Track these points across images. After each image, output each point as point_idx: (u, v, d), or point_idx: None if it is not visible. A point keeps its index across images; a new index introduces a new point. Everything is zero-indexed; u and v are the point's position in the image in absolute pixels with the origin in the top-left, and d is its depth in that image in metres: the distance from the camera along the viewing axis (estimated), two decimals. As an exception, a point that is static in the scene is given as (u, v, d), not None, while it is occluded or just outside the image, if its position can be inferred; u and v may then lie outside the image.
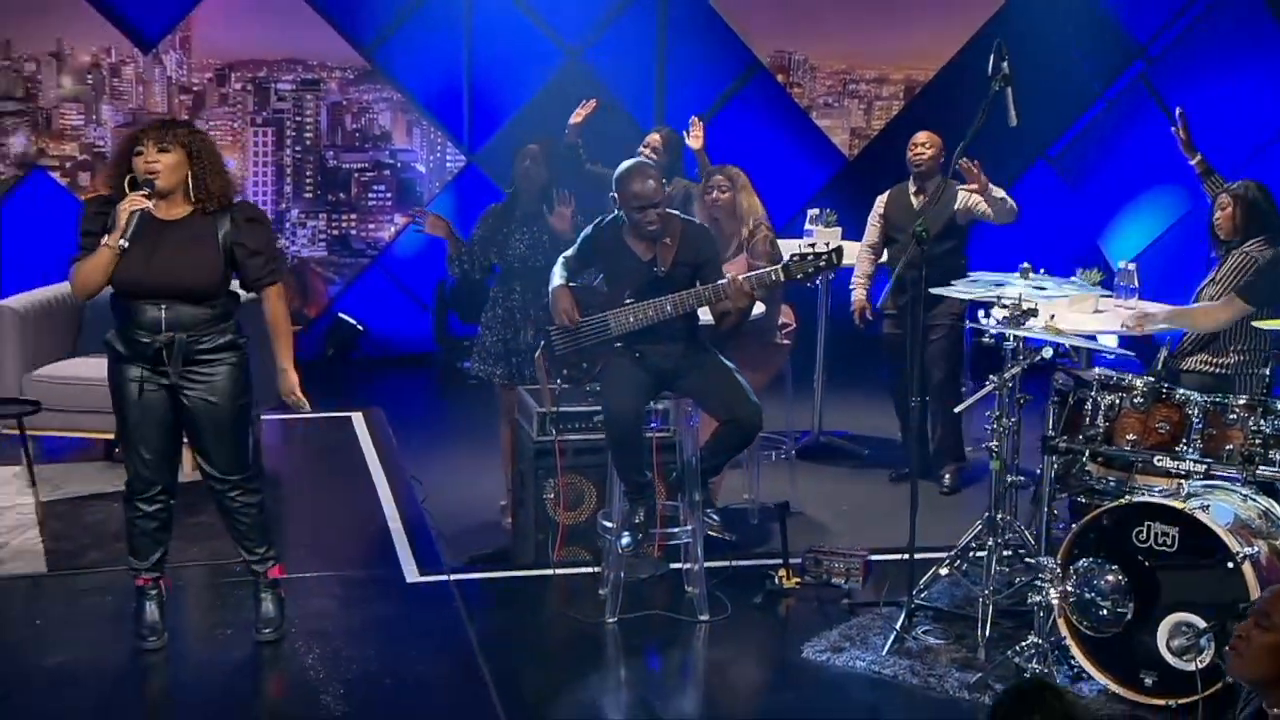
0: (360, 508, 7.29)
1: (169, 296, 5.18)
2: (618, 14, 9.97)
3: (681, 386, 5.82)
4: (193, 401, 5.29)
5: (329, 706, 5.15)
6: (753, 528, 6.91)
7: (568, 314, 5.78)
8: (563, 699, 5.32)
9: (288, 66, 9.91)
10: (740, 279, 5.71)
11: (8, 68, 9.57)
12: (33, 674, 5.39)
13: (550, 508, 6.43)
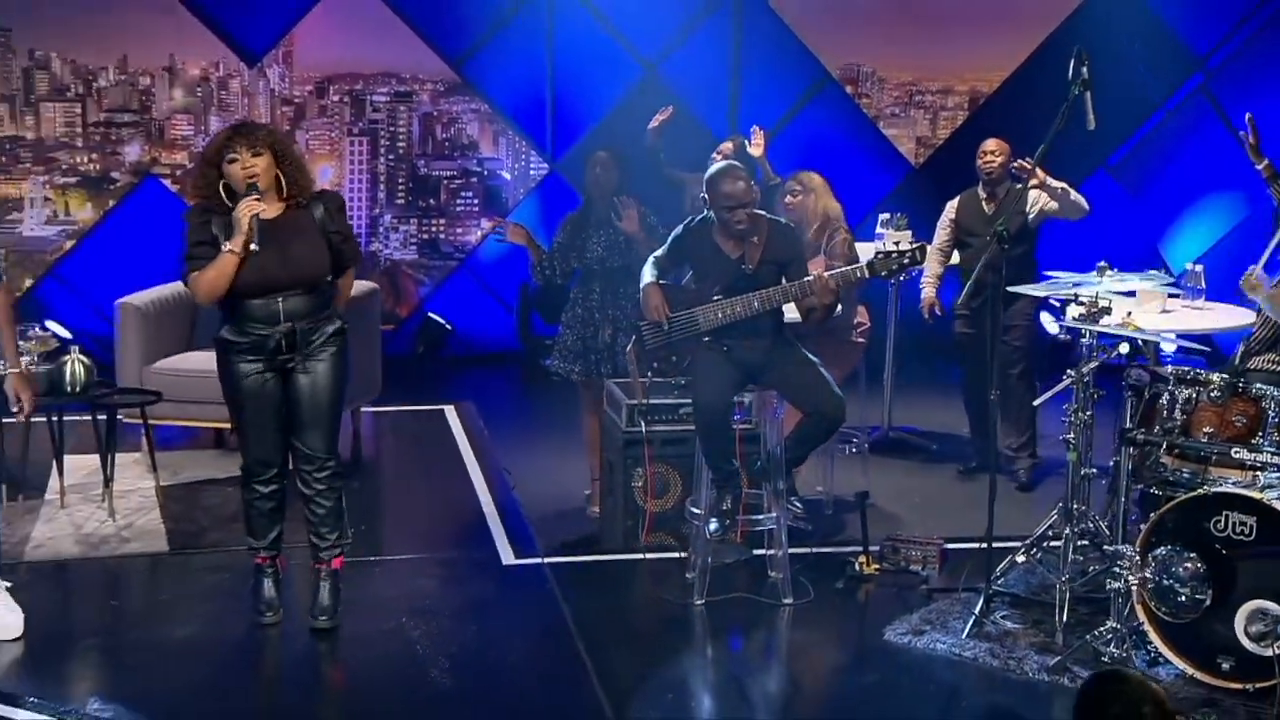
0: (456, 494, 7.27)
1: (285, 289, 5.19)
2: (693, 29, 9.92)
3: (768, 379, 5.76)
4: (301, 385, 5.33)
5: (436, 680, 5.15)
6: (828, 518, 6.83)
7: (659, 310, 5.75)
8: (655, 676, 5.24)
9: (382, 79, 9.94)
10: (826, 276, 5.65)
11: (124, 82, 9.66)
12: (162, 644, 5.44)
13: (638, 495, 6.38)
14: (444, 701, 5.07)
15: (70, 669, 5.22)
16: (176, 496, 6.99)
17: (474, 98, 10.04)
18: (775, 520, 5.84)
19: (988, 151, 7.23)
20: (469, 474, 7.57)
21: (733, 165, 5.76)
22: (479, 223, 10.20)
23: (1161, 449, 5.25)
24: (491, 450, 7.94)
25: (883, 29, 10.06)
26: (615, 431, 6.43)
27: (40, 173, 9.56)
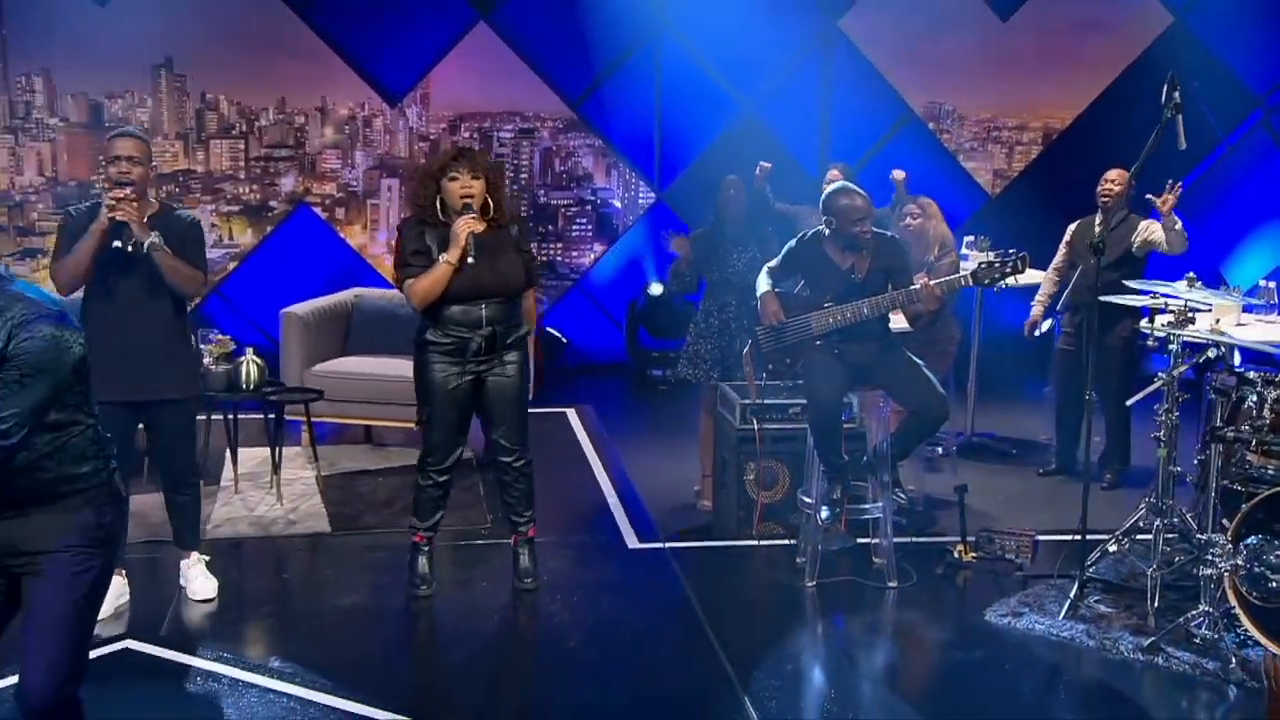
0: (582, 486, 7.23)
1: (489, 297, 5.21)
2: (788, 72, 9.83)
3: (876, 380, 5.66)
4: (494, 383, 5.36)
5: (577, 650, 5.13)
6: (920, 514, 6.69)
7: (775, 316, 5.68)
8: (774, 648, 5.16)
9: (508, 118, 9.94)
10: (931, 283, 5.54)
11: (282, 121, 9.72)
12: (328, 612, 5.47)
13: (750, 488, 6.28)
14: (582, 666, 5.05)
15: (251, 632, 5.28)
16: (335, 485, 7.00)
17: (589, 134, 10.00)
18: (881, 509, 5.73)
19: (1109, 180, 6.86)
20: (592, 468, 7.53)
21: (848, 185, 5.68)
22: (592, 246, 10.16)
23: (1249, 446, 5.08)
24: (610, 448, 7.88)
25: (963, 71, 9.92)
26: (729, 429, 6.34)
27: (209, 201, 9.65)
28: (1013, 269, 5.42)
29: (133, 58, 9.32)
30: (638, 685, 4.92)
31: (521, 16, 9.63)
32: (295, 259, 9.56)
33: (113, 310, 5.08)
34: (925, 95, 10.04)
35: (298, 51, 9.54)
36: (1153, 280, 6.05)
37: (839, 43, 9.82)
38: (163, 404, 5.21)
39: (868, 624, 5.49)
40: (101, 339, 4.78)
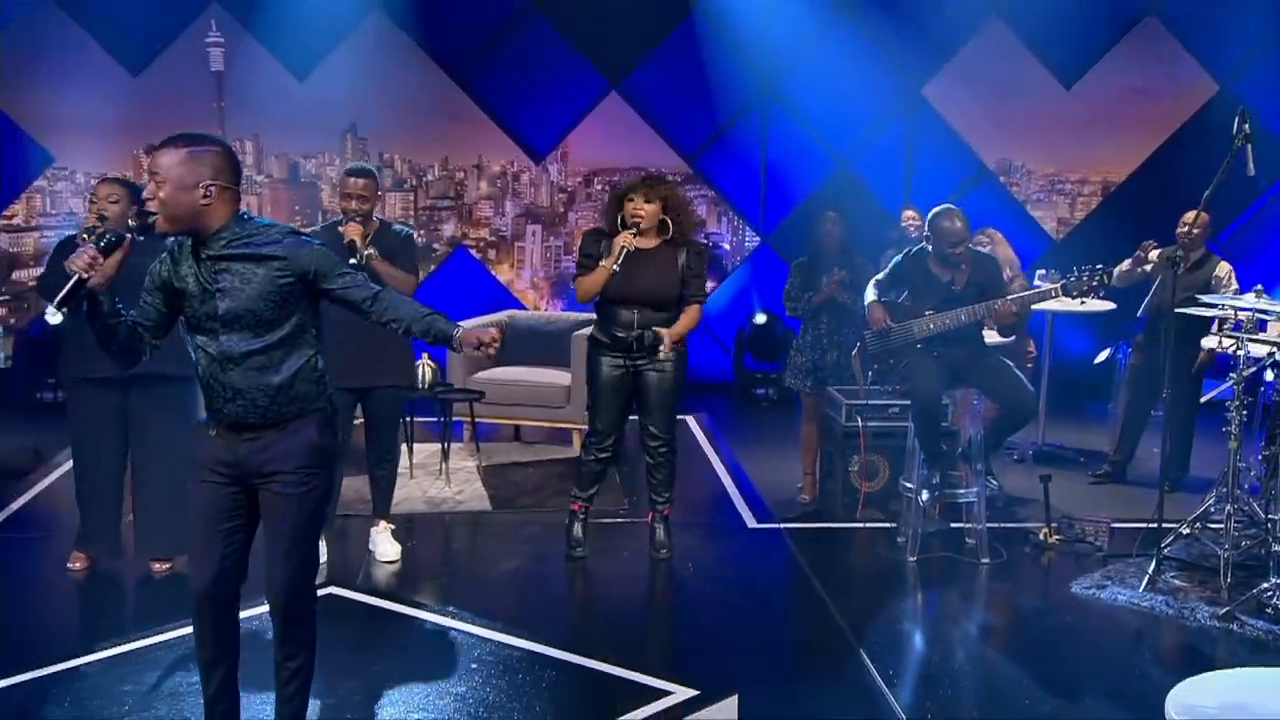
0: (704, 476, 7.16)
1: (639, 304, 5.19)
2: (876, 131, 9.73)
3: (970, 379, 5.54)
4: (650, 378, 5.33)
5: (708, 606, 5.07)
6: (1001, 508, 6.47)
7: (882, 322, 5.58)
8: (883, 611, 5.04)
9: (634, 172, 9.86)
10: (1012, 298, 5.42)
11: (445, 176, 9.83)
12: (494, 572, 5.48)
13: (854, 478, 6.18)
14: (712, 619, 5.00)
15: (429, 585, 5.28)
16: (493, 473, 7.00)
17: (704, 186, 9.96)
18: (975, 494, 5.58)
19: (1187, 222, 6.57)
20: (710, 463, 7.45)
21: (950, 207, 5.57)
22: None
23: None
24: (724, 447, 7.81)
25: (1030, 131, 9.75)
26: (836, 427, 6.23)
27: (380, 245, 9.75)
28: (1100, 281, 5.27)
29: (325, 124, 9.49)
30: (762, 635, 4.82)
31: (646, 86, 9.67)
32: (454, 293, 9.60)
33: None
34: (997, 152, 9.87)
35: (459, 117, 9.64)
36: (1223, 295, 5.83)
37: (922, 106, 9.71)
38: (379, 389, 5.29)
39: (964, 592, 5.34)
40: (334, 335, 4.83)
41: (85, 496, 5.21)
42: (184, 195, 3.16)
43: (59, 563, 5.23)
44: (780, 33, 9.47)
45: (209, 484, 3.32)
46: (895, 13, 9.23)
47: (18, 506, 6.26)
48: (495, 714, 3.76)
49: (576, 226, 9.74)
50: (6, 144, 9.25)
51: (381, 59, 9.33)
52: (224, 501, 3.31)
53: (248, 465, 3.29)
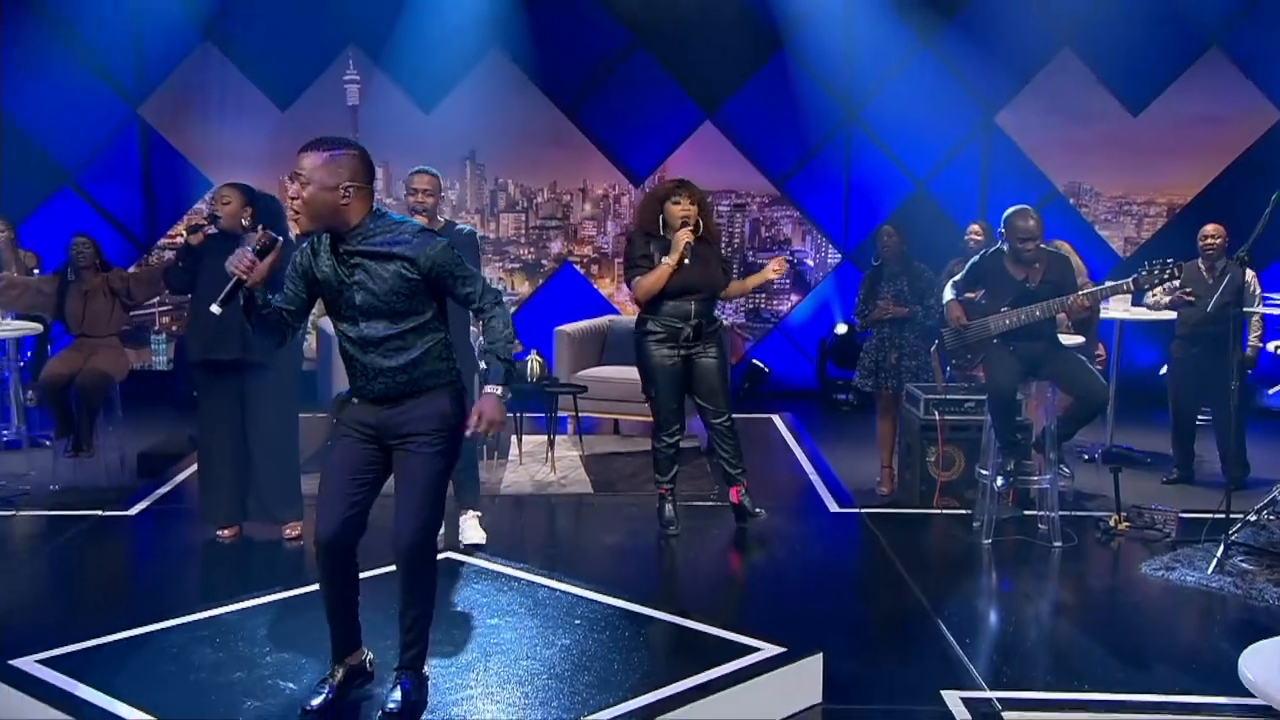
0: (789, 466, 7.11)
1: (696, 294, 5.16)
2: (953, 155, 9.58)
3: (1045, 372, 5.38)
4: (701, 364, 5.28)
5: (795, 580, 4.99)
6: (1070, 502, 6.28)
7: (959, 319, 5.45)
8: (961, 588, 4.91)
9: (725, 194, 9.90)
10: (1084, 292, 5.27)
11: (553, 198, 9.90)
12: (594, 548, 5.50)
13: (931, 469, 6.03)
14: (800, 590, 4.93)
15: (538, 557, 5.24)
16: (594, 461, 7.00)
17: (790, 207, 9.91)
18: (1049, 481, 5.41)
19: (1208, 235, 6.57)
20: (795, 455, 7.39)
21: (1025, 207, 5.43)
22: (789, 296, 10.01)
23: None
24: (807, 442, 7.72)
25: (1099, 156, 9.51)
26: (914, 420, 6.10)
27: (497, 260, 9.86)
28: (1170, 274, 5.09)
29: (447, 151, 9.61)
30: (844, 604, 4.76)
31: (738, 116, 9.66)
32: (559, 305, 9.66)
33: None
34: (1067, 175, 9.64)
35: (567, 145, 9.73)
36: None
37: (995, 132, 9.54)
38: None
39: (1037, 572, 5.16)
40: None
41: (205, 470, 5.31)
42: (325, 195, 3.19)
43: (209, 530, 5.35)
44: (863, 65, 9.42)
45: (349, 439, 3.36)
46: (971, 45, 9.11)
47: (178, 482, 6.45)
48: (596, 663, 3.73)
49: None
50: (171, 171, 9.56)
51: (499, 93, 9.46)
52: (361, 457, 3.35)
53: (386, 427, 3.33)
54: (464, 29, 9.19)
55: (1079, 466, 6.69)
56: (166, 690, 3.48)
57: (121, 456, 6.68)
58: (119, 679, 3.53)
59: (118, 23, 9.24)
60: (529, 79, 9.54)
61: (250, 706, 3.42)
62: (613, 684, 3.58)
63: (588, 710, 3.40)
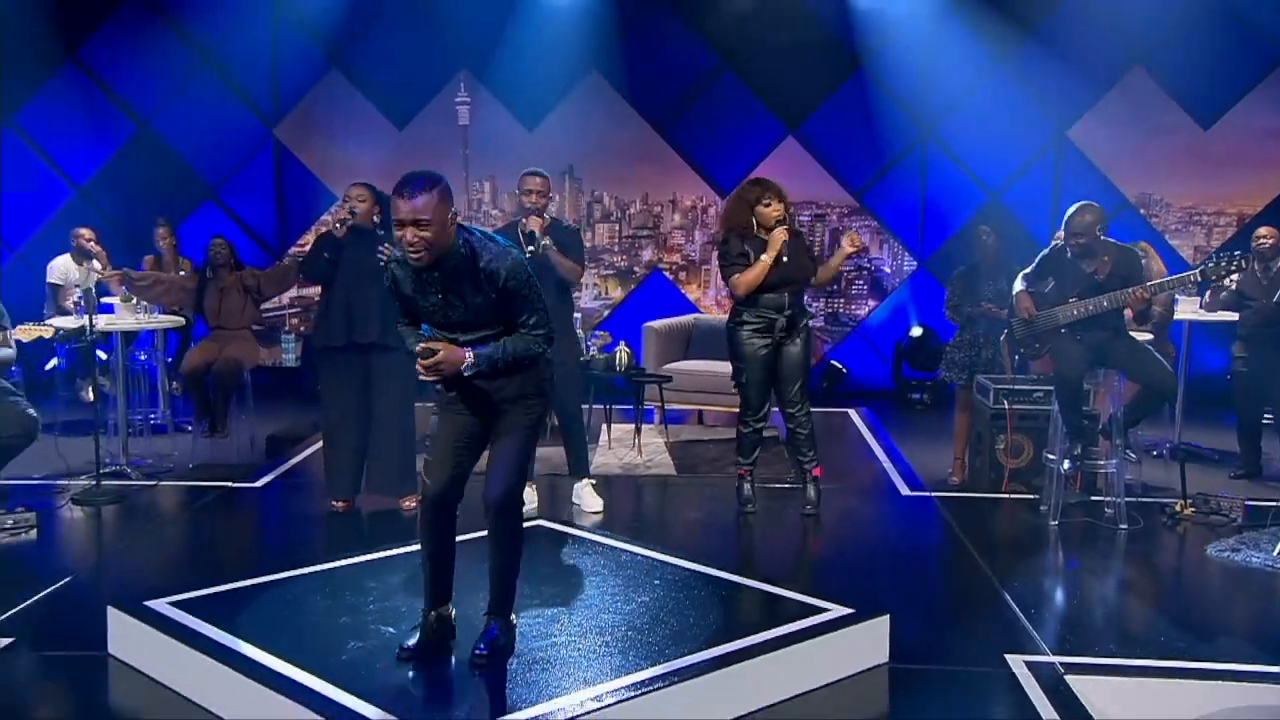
0: (863, 454, 6.99)
1: (789, 286, 5.13)
2: (1025, 168, 9.34)
3: (1113, 361, 5.19)
4: (788, 353, 5.22)
5: (865, 555, 4.90)
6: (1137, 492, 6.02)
7: (1028, 310, 5.29)
8: (1028, 564, 4.74)
9: (806, 205, 9.79)
10: (1151, 284, 5.08)
11: (645, 210, 9.91)
12: (676, 522, 5.52)
13: (1000, 455, 5.86)
14: (870, 565, 4.84)
15: (622, 528, 5.20)
16: (678, 447, 6.97)
17: (868, 217, 9.76)
18: (1115, 466, 5.22)
19: (1261, 236, 6.35)
20: (869, 444, 7.25)
21: (1087, 202, 5.26)
22: (867, 301, 9.86)
23: None
24: (882, 434, 7.58)
25: (1170, 168, 9.19)
26: (984, 410, 5.94)
27: (593, 268, 9.89)
28: (1237, 266, 4.88)
29: (547, 166, 9.23)
30: (912, 575, 4.66)
31: (819, 130, 9.56)
32: (649, 308, 9.65)
33: None
34: (1137, 187, 9.32)
35: (658, 160, 9.74)
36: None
37: (1067, 146, 9.27)
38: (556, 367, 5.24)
39: (1102, 551, 4.98)
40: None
41: (330, 447, 5.41)
42: (445, 231, 3.16)
43: (327, 501, 5.47)
44: (938, 83, 9.23)
45: (453, 412, 3.40)
46: (1044, 62, 8.89)
47: (301, 460, 6.60)
48: (672, 618, 3.70)
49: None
50: (301, 185, 9.84)
51: (596, 112, 9.53)
52: (464, 428, 3.40)
53: (483, 402, 3.37)
54: (565, 53, 9.27)
55: (1147, 462, 6.43)
56: (279, 631, 3.56)
57: (251, 438, 6.87)
58: (238, 620, 3.63)
59: (257, 52, 9.56)
60: (623, 99, 9.59)
61: (353, 646, 3.47)
62: (687, 636, 3.55)
63: (663, 659, 3.37)
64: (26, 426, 5.05)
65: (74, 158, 9.67)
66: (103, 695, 3.46)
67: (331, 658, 3.35)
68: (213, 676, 3.34)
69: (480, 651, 3.33)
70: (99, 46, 9.51)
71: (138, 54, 9.41)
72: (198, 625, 3.57)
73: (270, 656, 3.33)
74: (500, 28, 9.21)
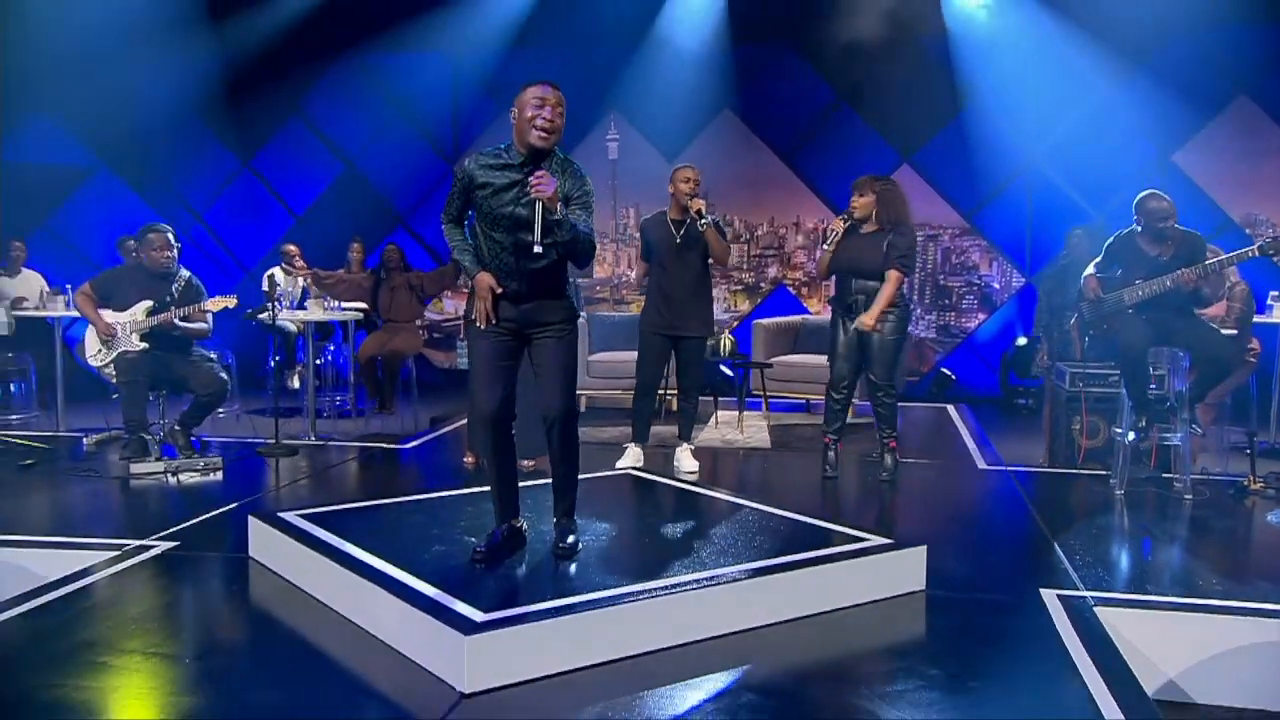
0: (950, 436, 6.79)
1: (860, 275, 5.07)
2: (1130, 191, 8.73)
3: (1177, 340, 4.90)
4: (870, 337, 5.13)
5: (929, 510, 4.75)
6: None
7: (1095, 292, 5.07)
8: (1085, 525, 4.50)
9: (919, 226, 9.35)
10: (1210, 262, 4.77)
11: (770, 231, 9.92)
12: (761, 479, 5.46)
13: (1075, 435, 5.57)
14: (931, 519, 4.72)
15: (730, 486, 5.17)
16: (778, 429, 6.93)
17: (977, 237, 9.47)
18: (1180, 438, 4.89)
19: None
20: (959, 431, 7.02)
21: (1155, 191, 5.01)
22: (976, 315, 9.53)
23: None
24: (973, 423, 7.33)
25: (1274, 188, 8.54)
26: (1061, 393, 5.67)
27: (723, 283, 9.96)
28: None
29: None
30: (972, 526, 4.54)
31: (933, 157, 9.37)
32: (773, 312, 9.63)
33: (663, 273, 5.32)
34: (1242, 208, 8.69)
35: (783, 186, 9.75)
36: None
37: (1172, 170, 8.74)
38: (687, 338, 5.32)
39: (1167, 516, 4.67)
40: (659, 294, 5.12)
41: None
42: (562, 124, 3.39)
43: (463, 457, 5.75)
44: (1044, 114, 8.92)
45: (490, 337, 3.46)
46: (1152, 91, 8.47)
47: (450, 430, 6.93)
48: (725, 540, 3.72)
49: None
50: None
51: (728, 144, 9.66)
52: (503, 348, 3.47)
53: (523, 321, 3.45)
54: (701, 94, 9.48)
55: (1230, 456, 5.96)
56: (380, 537, 3.69)
57: (415, 416, 7.25)
58: (349, 528, 3.79)
59: (441, 103, 10.20)
60: (752, 132, 9.69)
61: (437, 550, 3.58)
62: (733, 553, 3.56)
63: (706, 568, 3.39)
64: (220, 387, 5.55)
65: (295, 192, 10.54)
66: (240, 589, 3.66)
67: (418, 559, 3.45)
68: (324, 571, 3.49)
69: (564, 546, 3.46)
70: (318, 101, 10.37)
71: (347, 107, 10.21)
72: (316, 531, 3.75)
73: (370, 556, 3.46)
74: (645, 74, 9.50)
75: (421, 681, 2.82)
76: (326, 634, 3.19)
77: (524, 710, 2.69)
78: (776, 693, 2.78)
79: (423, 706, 2.69)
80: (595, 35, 9.47)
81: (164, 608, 3.44)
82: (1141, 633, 3.26)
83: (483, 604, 3.00)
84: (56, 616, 3.27)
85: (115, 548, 3.96)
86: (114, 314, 5.62)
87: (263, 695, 2.74)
